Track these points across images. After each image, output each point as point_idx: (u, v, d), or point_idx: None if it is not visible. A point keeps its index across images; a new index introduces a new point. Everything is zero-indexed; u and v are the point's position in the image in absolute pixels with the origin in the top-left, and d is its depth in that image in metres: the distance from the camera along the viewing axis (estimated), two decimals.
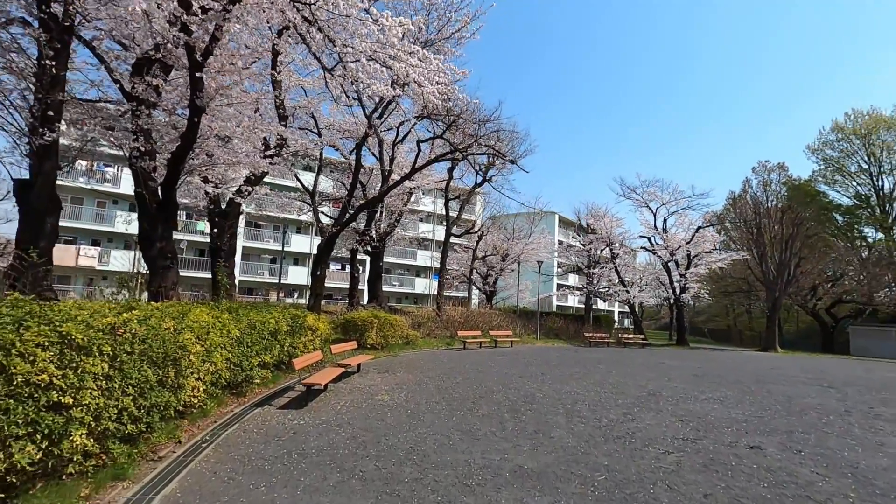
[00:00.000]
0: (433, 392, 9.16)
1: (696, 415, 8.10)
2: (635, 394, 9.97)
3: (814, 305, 37.31)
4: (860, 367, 21.08)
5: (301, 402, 7.68)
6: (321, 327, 11.41)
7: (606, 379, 12.02)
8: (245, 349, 7.76)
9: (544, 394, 9.45)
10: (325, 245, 17.38)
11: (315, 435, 6.02)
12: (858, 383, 13.91)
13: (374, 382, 9.95)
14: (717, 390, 11.01)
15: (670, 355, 21.92)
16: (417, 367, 12.77)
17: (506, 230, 36.01)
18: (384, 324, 15.58)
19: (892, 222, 43.46)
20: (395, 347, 16.47)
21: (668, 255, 30.22)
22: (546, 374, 12.52)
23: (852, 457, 5.98)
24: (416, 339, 18.32)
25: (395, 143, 18.75)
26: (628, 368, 14.76)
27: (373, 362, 12.93)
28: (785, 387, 12.23)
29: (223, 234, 14.25)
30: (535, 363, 15.00)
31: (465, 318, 23.86)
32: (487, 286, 35.33)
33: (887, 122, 43.42)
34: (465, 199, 25.50)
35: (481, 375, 11.64)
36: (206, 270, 32.27)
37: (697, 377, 13.46)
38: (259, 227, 38.44)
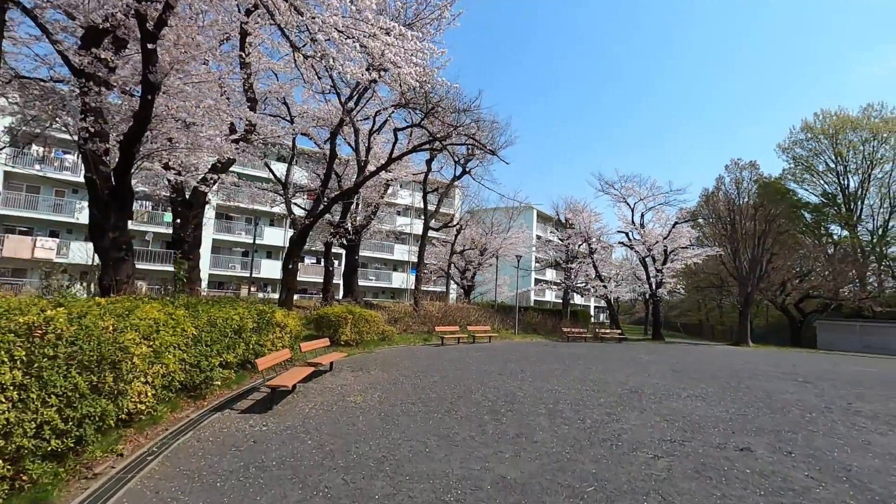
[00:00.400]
0: (409, 392, 8.69)
1: (681, 413, 7.85)
2: (617, 391, 9.71)
3: (783, 301, 38.24)
4: (828, 361, 21.55)
5: (265, 406, 7.11)
6: (291, 324, 10.79)
7: (587, 376, 11.77)
8: (204, 348, 7.13)
9: (525, 392, 9.09)
10: (298, 237, 16.66)
11: (278, 443, 5.47)
12: (831, 378, 14.04)
13: (347, 382, 9.41)
14: (697, 387, 10.87)
15: (647, 350, 21.97)
16: (393, 364, 12.28)
17: (484, 224, 35.70)
18: (359, 319, 15.01)
19: (856, 220, 44.88)
20: (371, 344, 15.93)
21: (645, 250, 30.40)
22: (525, 370, 12.19)
23: (843, 458, 5.77)
24: (393, 334, 17.81)
25: (372, 133, 18.09)
26: (608, 364, 14.58)
27: (346, 360, 12.37)
28: (763, 382, 12.20)
29: (187, 225, 13.42)
30: (514, 359, 14.68)
31: (442, 313, 23.43)
32: (465, 281, 34.98)
33: (853, 123, 44.71)
34: (443, 191, 25.00)
35: (459, 373, 11.22)
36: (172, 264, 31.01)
37: (676, 373, 13.35)
38: (230, 219, 37.16)
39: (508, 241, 33.92)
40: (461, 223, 28.41)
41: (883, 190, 44.30)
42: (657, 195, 30.41)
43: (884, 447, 6.34)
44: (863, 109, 44.70)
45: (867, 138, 43.88)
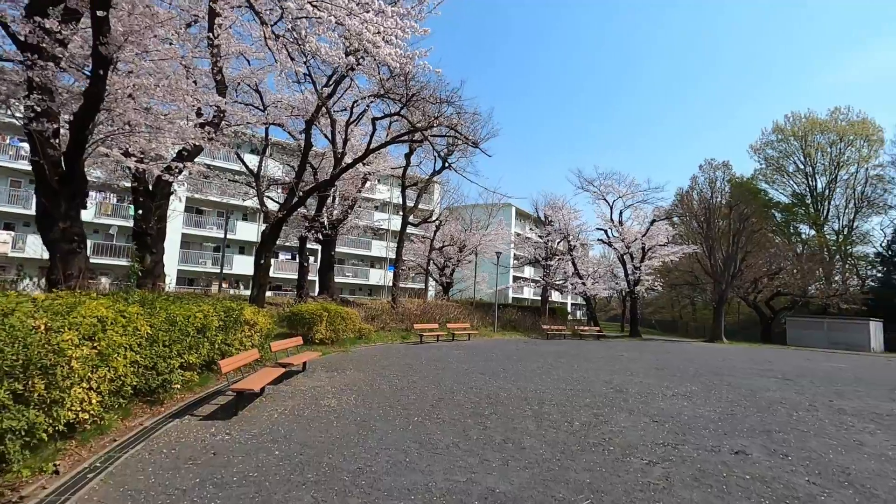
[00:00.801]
0: (387, 394, 8.20)
1: (669, 414, 7.59)
2: (602, 391, 9.44)
3: (754, 298, 39.08)
4: (801, 357, 21.94)
5: (230, 411, 6.53)
6: (261, 321, 10.15)
7: (570, 374, 11.49)
8: (161, 349, 6.50)
9: (508, 393, 8.71)
10: (271, 231, 15.94)
11: (241, 455, 4.93)
12: (807, 375, 14.14)
13: (321, 383, 8.86)
14: (681, 385, 10.71)
15: (627, 347, 21.98)
16: (370, 363, 11.76)
17: (464, 221, 35.34)
18: (334, 317, 14.42)
19: (823, 220, 46.28)
20: (347, 342, 15.35)
21: (623, 247, 30.53)
22: (507, 369, 11.85)
23: (840, 460, 5.56)
24: (370, 332, 17.26)
25: (349, 124, 17.44)
26: (590, 363, 14.37)
27: (321, 359, 11.79)
28: (744, 379, 12.15)
29: (150, 217, 12.58)
30: (496, 358, 14.34)
31: (421, 311, 22.96)
32: (444, 277, 34.56)
33: (822, 126, 46.06)
34: (423, 186, 24.49)
35: (439, 373, 10.79)
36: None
37: (659, 371, 13.23)
38: (201, 213, 35.82)
39: (487, 238, 33.65)
40: (440, 219, 27.96)
41: (848, 191, 45.84)
42: (636, 192, 30.63)
43: (876, 448, 6.18)
44: (830, 112, 46.07)
45: (834, 140, 45.28)
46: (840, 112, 45.67)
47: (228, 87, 16.94)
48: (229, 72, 14.90)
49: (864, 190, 44.82)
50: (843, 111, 45.54)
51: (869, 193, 44.56)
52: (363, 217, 38.71)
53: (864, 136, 44.33)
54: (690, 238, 36.03)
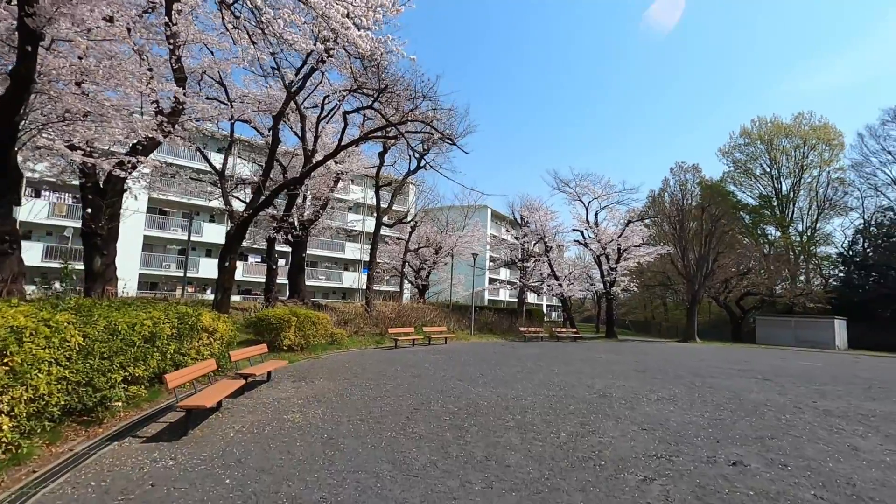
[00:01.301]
0: (358, 405, 7.58)
1: (657, 420, 7.22)
2: (586, 396, 9.03)
3: (725, 298, 39.81)
4: (773, 356, 22.23)
5: (178, 431, 5.80)
6: (221, 328, 9.37)
7: (551, 379, 11.07)
8: (99, 362, 5.74)
9: (489, 401, 8.20)
10: (236, 232, 15.07)
11: (184, 485, 4.25)
12: (784, 373, 14.15)
13: (286, 395, 8.16)
14: (664, 388, 10.42)
15: (605, 349, 21.83)
16: (342, 371, 11.08)
17: (439, 222, 34.85)
18: (304, 322, 13.66)
19: (788, 222, 47.66)
20: (318, 348, 14.60)
21: (599, 248, 30.55)
22: (486, 374, 11.35)
23: (841, 470, 5.24)
24: (343, 337, 16.52)
25: (320, 120, 16.72)
26: (570, 366, 14.02)
27: (288, 368, 11.05)
28: (724, 381, 11.98)
29: (100, 215, 11.60)
30: (473, 362, 13.84)
31: (396, 314, 22.31)
32: (420, 280, 33.94)
33: (786, 130, 47.47)
34: (397, 186, 23.86)
35: (415, 380, 10.21)
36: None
37: (639, 373, 12.96)
38: (165, 215, 34.25)
39: (463, 240, 33.20)
40: (416, 220, 27.36)
41: (811, 193, 47.33)
42: (611, 194, 30.72)
43: (873, 453, 5.92)
44: (794, 117, 47.52)
45: (798, 144, 46.71)
46: (803, 117, 47.21)
47: (190, 78, 16.05)
48: (189, 62, 14.02)
49: (826, 192, 46.39)
50: (807, 116, 47.11)
51: (831, 196, 46.12)
52: (336, 218, 37.82)
53: (825, 141, 45.88)
54: (662, 239, 36.47)
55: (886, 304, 37.79)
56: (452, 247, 32.52)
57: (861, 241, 42.81)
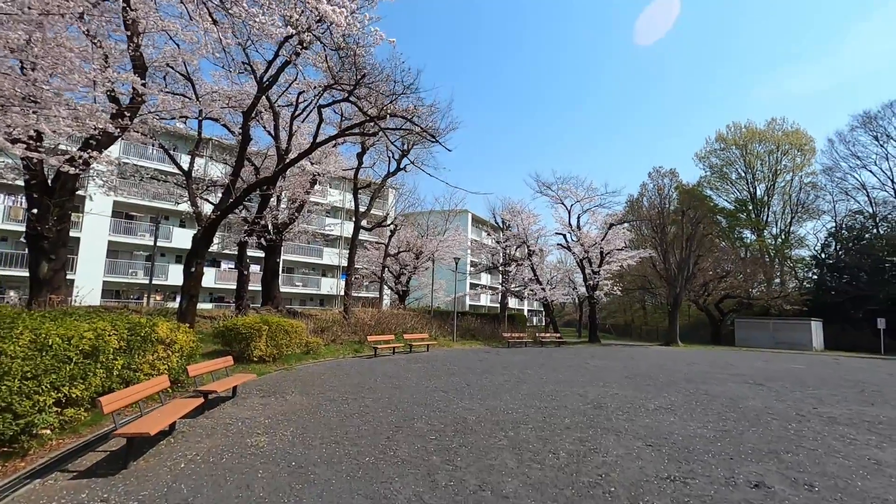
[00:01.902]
0: (333, 424, 6.80)
1: (660, 434, 6.65)
2: (580, 407, 8.43)
3: (704, 301, 40.06)
4: (757, 358, 22.13)
5: (118, 463, 4.94)
6: (181, 339, 8.46)
7: (541, 389, 10.45)
8: (19, 383, 4.85)
9: (477, 416, 7.51)
10: (203, 235, 14.07)
11: None
12: (774, 377, 13.86)
13: (252, 413, 7.32)
14: (659, 396, 9.91)
15: (591, 354, 21.38)
16: (316, 384, 10.24)
17: (420, 227, 34.16)
18: (276, 331, 12.76)
19: (763, 226, 48.47)
20: (292, 359, 13.70)
21: (582, 252, 30.26)
22: (472, 385, 10.66)
23: (871, 488, 4.73)
24: (319, 346, 15.63)
25: (294, 118, 15.87)
26: (558, 373, 13.44)
27: (258, 382, 10.17)
28: (718, 386, 11.57)
29: (47, 217, 10.55)
30: (458, 371, 13.14)
31: (375, 321, 21.47)
32: (400, 285, 33.15)
33: (760, 135, 48.40)
34: (376, 189, 23.09)
35: (396, 392, 9.45)
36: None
37: (630, 379, 12.47)
38: (132, 219, 32.65)
39: (445, 244, 32.57)
40: (395, 223, 26.59)
41: (785, 198, 48.26)
42: (593, 197, 30.47)
43: None
44: (768, 123, 48.50)
45: (772, 149, 47.63)
46: (776, 122, 48.22)
47: (154, 73, 15.08)
48: (151, 52, 13.08)
49: (799, 196, 47.35)
50: (780, 121, 48.13)
51: (803, 200, 47.10)
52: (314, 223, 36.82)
53: (798, 146, 46.90)
54: (643, 243, 36.50)
55: (858, 306, 38.56)
56: (433, 251, 31.85)
57: (833, 244, 43.74)
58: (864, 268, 40.00)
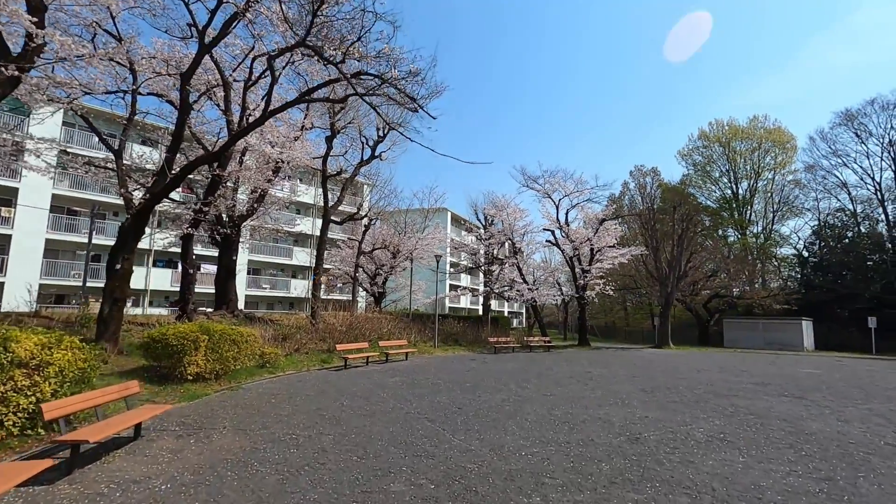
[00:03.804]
0: (267, 489, 4.50)
1: (746, 490, 4.60)
2: (611, 441, 6.34)
3: (692, 301, 38.91)
4: (763, 361, 20.62)
5: None
6: (60, 359, 6.02)
7: (550, 411, 8.33)
8: None
9: (480, 464, 5.32)
10: (132, 224, 11.54)
11: None
12: (806, 386, 12.10)
13: (147, 472, 4.95)
14: (697, 418, 7.91)
15: (586, 360, 19.47)
16: (263, 412, 7.88)
17: (397, 225, 31.87)
18: (221, 341, 10.31)
19: (747, 224, 47.84)
20: (241, 375, 11.28)
21: (571, 249, 28.44)
22: (465, 408, 8.47)
23: None
24: (277, 358, 13.21)
25: (248, 88, 13.43)
26: (562, 387, 11.37)
27: (181, 411, 7.75)
28: (754, 401, 9.70)
29: None
30: (444, 386, 10.93)
31: (347, 326, 19.09)
32: (376, 287, 30.75)
33: (742, 133, 47.80)
34: (348, 178, 20.71)
35: (367, 423, 7.19)
36: None
37: (648, 394, 10.49)
38: (74, 215, 29.28)
39: (424, 243, 30.32)
40: (369, 215, 24.18)
41: (767, 196, 47.75)
42: (583, 190, 28.66)
43: None
44: (750, 120, 47.94)
45: (754, 147, 47.06)
46: (758, 120, 47.69)
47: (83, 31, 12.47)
48: None
49: (782, 195, 46.88)
50: (762, 119, 47.61)
51: (786, 197, 46.65)
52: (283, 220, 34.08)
53: (779, 144, 46.43)
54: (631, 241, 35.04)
55: (844, 304, 38.01)
56: (412, 250, 29.59)
57: (817, 243, 43.30)
58: (849, 266, 39.56)
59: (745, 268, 42.67)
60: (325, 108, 19.39)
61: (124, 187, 12.56)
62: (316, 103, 20.12)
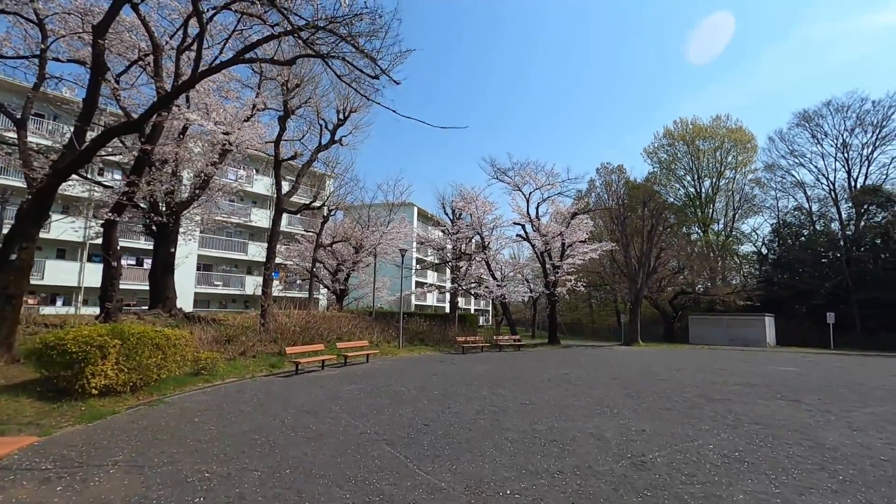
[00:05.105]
0: None
1: None
2: (612, 468, 5.13)
3: (658, 298, 38.92)
4: (734, 359, 20.28)
5: None
6: None
7: (533, 426, 7.08)
8: None
9: None
10: (32, 205, 9.60)
11: None
12: (797, 388, 11.39)
13: None
14: (697, 429, 6.84)
15: (560, 360, 18.48)
16: (177, 438, 6.26)
17: (360, 218, 30.14)
18: (139, 346, 8.56)
19: (709, 222, 48.54)
20: (169, 385, 9.55)
21: (542, 244, 27.49)
22: (433, 424, 7.11)
23: None
24: (216, 363, 11.47)
25: (182, 50, 11.59)
26: (542, 393, 10.18)
27: (71, 437, 6.07)
28: (752, 407, 8.79)
29: None
30: (409, 396, 9.53)
31: (303, 326, 17.38)
32: (338, 284, 28.93)
33: (705, 132, 48.44)
34: (305, 164, 18.93)
35: (309, 450, 5.71)
36: None
37: (635, 399, 9.45)
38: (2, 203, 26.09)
39: (388, 237, 28.70)
40: (328, 205, 22.38)
41: (729, 194, 48.59)
42: (555, 183, 27.71)
43: None
44: (713, 119, 48.63)
45: (717, 146, 47.75)
46: (721, 119, 48.42)
47: None
48: None
49: (742, 193, 47.79)
50: (724, 118, 48.36)
51: (747, 195, 47.57)
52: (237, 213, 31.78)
53: (741, 144, 47.27)
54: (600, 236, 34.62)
55: (802, 301, 38.89)
56: (375, 244, 27.94)
57: (776, 240, 44.28)
58: (806, 263, 40.56)
59: (707, 265, 43.19)
60: (279, 86, 17.59)
61: (27, 165, 10.50)
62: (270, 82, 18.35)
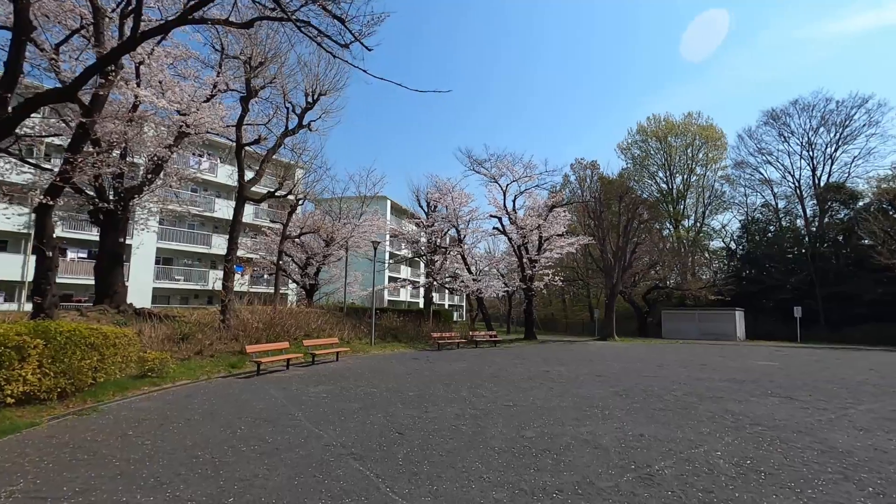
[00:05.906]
0: None
1: None
2: (616, 483, 4.44)
3: (632, 292, 39.11)
4: (711, 353, 20.17)
5: None
6: None
7: (520, 432, 6.35)
8: None
9: None
10: None
11: None
12: (787, 385, 11.10)
13: None
14: (692, 428, 6.25)
15: (539, 356, 17.92)
16: (101, 456, 5.25)
17: (331, 210, 28.91)
18: (69, 346, 7.43)
19: (681, 217, 49.19)
20: (108, 390, 8.43)
21: (520, 238, 26.93)
22: (406, 433, 6.29)
23: None
24: (166, 364, 10.33)
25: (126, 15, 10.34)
26: (525, 393, 9.49)
27: None
28: (749, 407, 8.29)
29: None
30: (380, 399, 8.68)
31: (268, 323, 16.25)
32: (307, 278, 27.71)
33: (677, 129, 48.99)
34: (270, 150, 17.71)
35: (263, 466, 4.80)
36: None
37: (625, 399, 8.86)
38: None
39: (360, 230, 27.60)
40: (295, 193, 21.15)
41: (699, 190, 49.34)
42: (532, 175, 27.09)
43: None
44: (685, 116, 49.21)
45: (689, 143, 48.36)
46: (692, 116, 49.06)
47: None
48: None
49: (712, 190, 48.61)
50: (695, 115, 49.01)
51: (716, 192, 48.42)
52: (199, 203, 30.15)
53: (711, 141, 48.02)
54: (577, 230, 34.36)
55: (769, 295, 39.76)
56: (347, 237, 26.79)
57: (745, 236, 45.19)
58: (773, 259, 41.50)
59: (679, 260, 43.77)
60: (242, 64, 16.33)
61: None
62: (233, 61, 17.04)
